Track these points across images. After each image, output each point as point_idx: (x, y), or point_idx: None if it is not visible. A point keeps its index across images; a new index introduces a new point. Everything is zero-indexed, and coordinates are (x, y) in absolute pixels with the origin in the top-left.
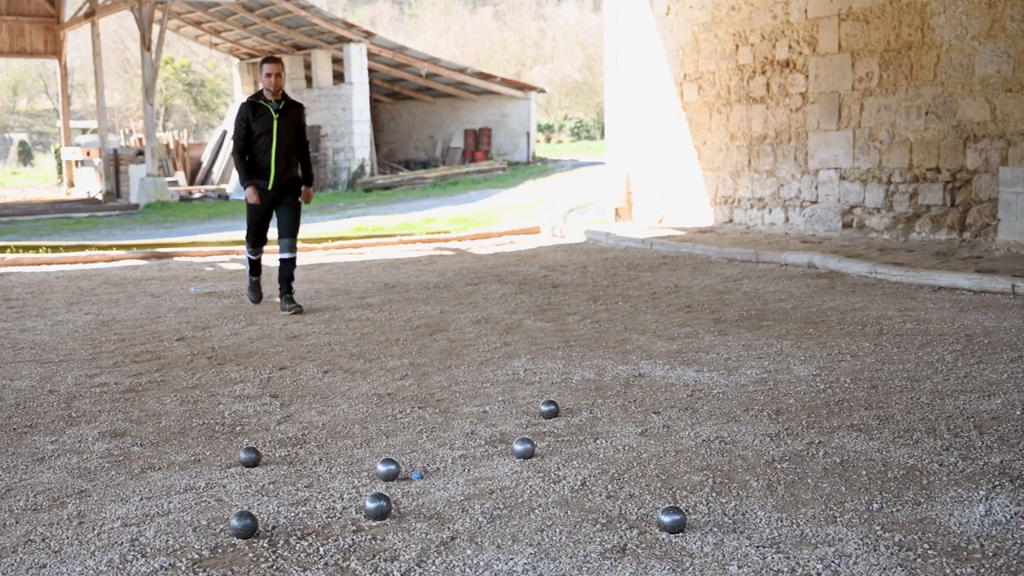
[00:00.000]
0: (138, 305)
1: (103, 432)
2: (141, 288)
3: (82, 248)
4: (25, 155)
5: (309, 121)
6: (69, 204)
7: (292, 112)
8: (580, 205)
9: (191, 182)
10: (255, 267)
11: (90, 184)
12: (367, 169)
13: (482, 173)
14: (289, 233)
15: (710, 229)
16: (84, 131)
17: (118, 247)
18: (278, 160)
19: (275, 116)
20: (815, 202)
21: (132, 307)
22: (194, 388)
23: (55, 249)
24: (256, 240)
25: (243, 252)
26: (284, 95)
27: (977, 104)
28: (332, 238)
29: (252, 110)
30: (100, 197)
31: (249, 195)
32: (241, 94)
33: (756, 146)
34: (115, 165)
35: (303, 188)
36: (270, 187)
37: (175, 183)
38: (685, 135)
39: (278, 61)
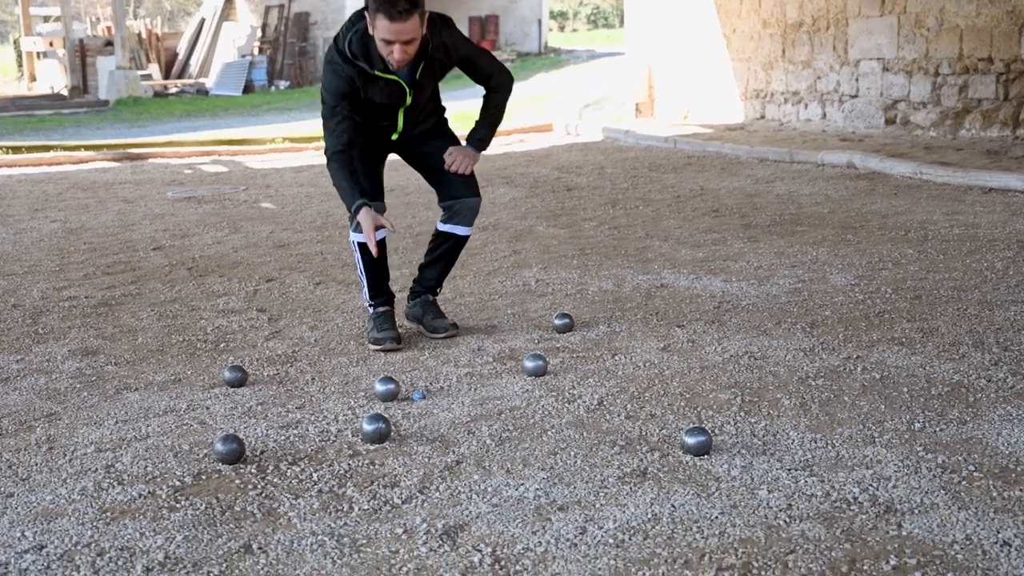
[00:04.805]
0: (110, 211)
1: (73, 350)
2: (113, 193)
3: (46, 149)
4: None
5: (297, 7)
6: (31, 100)
7: (439, 63)
8: (597, 100)
9: (166, 76)
10: (376, 271)
11: (54, 78)
12: None
13: None
14: (468, 188)
15: (740, 126)
16: (46, 19)
17: (86, 148)
18: (408, 120)
19: (409, 91)
20: (855, 96)
21: (103, 214)
22: (173, 302)
23: (16, 150)
24: (370, 188)
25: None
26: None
27: None
28: (323, 137)
29: (355, 81)
30: (65, 92)
31: (363, 219)
32: None
33: (791, 34)
34: (81, 57)
35: (460, 149)
36: (396, 136)
37: (148, 77)
38: (713, 22)
39: (408, 14)
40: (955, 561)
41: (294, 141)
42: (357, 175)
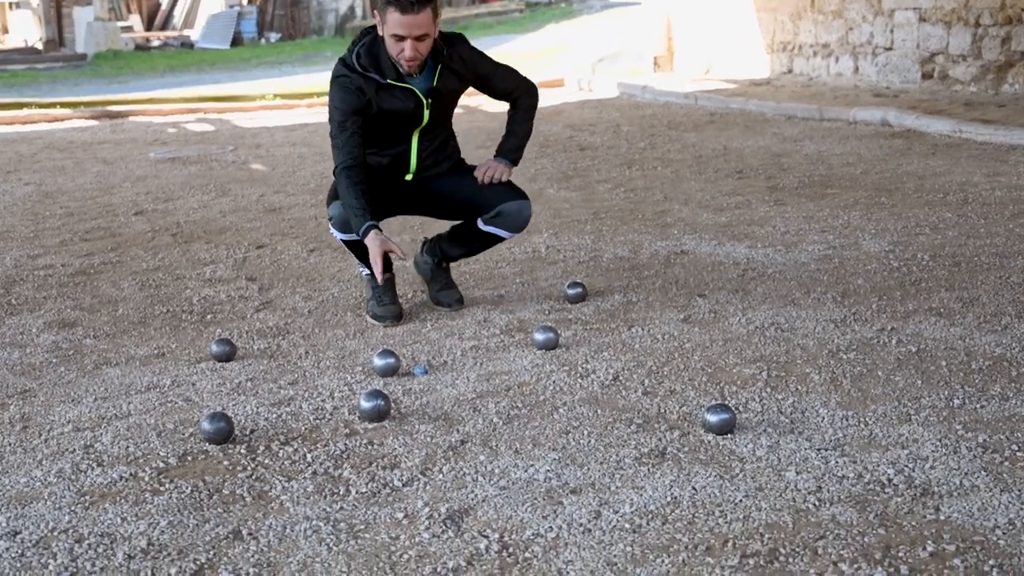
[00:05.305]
0: (88, 173)
1: (49, 322)
2: (91, 153)
3: (20, 106)
4: None
5: None
6: (3, 55)
7: (455, 74)
8: (612, 53)
9: (148, 28)
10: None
11: (27, 30)
12: (358, 11)
13: (495, 16)
14: (511, 192)
15: (766, 81)
16: None
17: (62, 105)
18: (422, 151)
19: (426, 102)
20: (890, 48)
21: (81, 176)
22: (156, 270)
23: None
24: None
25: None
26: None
27: None
28: (317, 93)
29: (365, 92)
30: (39, 46)
31: (371, 245)
32: None
33: None
34: (57, 7)
35: (492, 160)
36: (410, 175)
37: (129, 29)
38: None
39: (421, 6)
40: (997, 547)
41: (286, 98)
42: (367, 194)
